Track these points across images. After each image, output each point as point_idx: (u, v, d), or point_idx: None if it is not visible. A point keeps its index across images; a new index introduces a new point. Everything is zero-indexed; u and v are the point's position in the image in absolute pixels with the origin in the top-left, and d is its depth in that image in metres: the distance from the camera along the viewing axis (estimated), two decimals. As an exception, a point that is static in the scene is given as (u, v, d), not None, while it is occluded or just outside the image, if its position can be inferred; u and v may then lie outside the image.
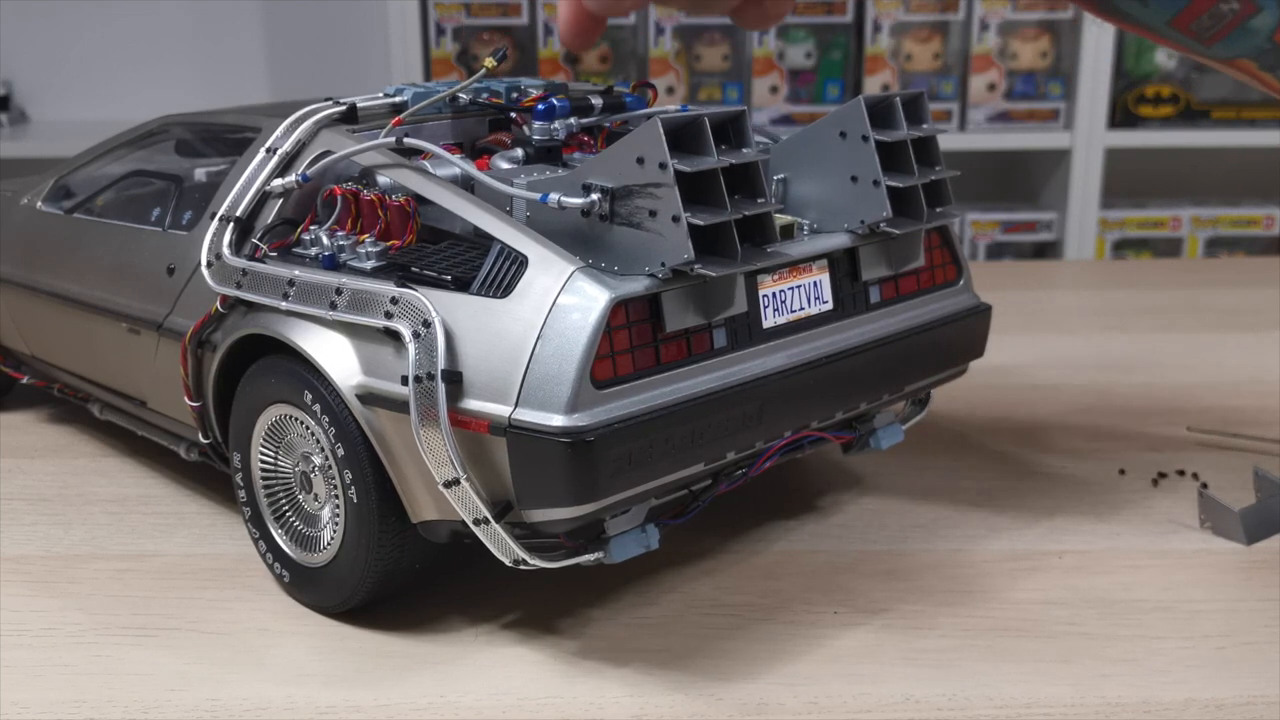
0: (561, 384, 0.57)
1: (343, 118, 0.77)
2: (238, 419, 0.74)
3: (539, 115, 0.74)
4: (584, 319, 0.58)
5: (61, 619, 0.71)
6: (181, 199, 0.84)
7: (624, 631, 0.69)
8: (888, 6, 1.85)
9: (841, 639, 0.68)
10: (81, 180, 0.98)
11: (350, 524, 0.67)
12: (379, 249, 0.68)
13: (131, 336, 0.83)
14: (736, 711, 0.61)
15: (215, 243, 0.75)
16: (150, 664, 0.66)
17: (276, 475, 0.73)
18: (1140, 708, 0.60)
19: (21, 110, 2.44)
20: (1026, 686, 0.63)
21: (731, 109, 0.62)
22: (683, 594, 0.73)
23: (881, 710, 0.61)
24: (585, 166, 0.62)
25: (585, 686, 0.63)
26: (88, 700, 0.63)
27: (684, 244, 0.58)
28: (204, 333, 0.75)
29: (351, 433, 0.65)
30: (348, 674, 0.65)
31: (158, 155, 0.95)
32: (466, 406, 0.60)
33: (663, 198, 0.58)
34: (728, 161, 0.60)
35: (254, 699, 0.63)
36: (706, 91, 1.97)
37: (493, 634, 0.69)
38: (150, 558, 0.79)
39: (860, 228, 0.70)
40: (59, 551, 0.80)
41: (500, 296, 0.60)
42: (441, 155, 0.69)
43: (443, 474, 0.60)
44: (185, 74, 2.43)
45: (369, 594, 0.69)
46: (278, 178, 0.74)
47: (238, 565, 0.77)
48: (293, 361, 0.68)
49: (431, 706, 0.62)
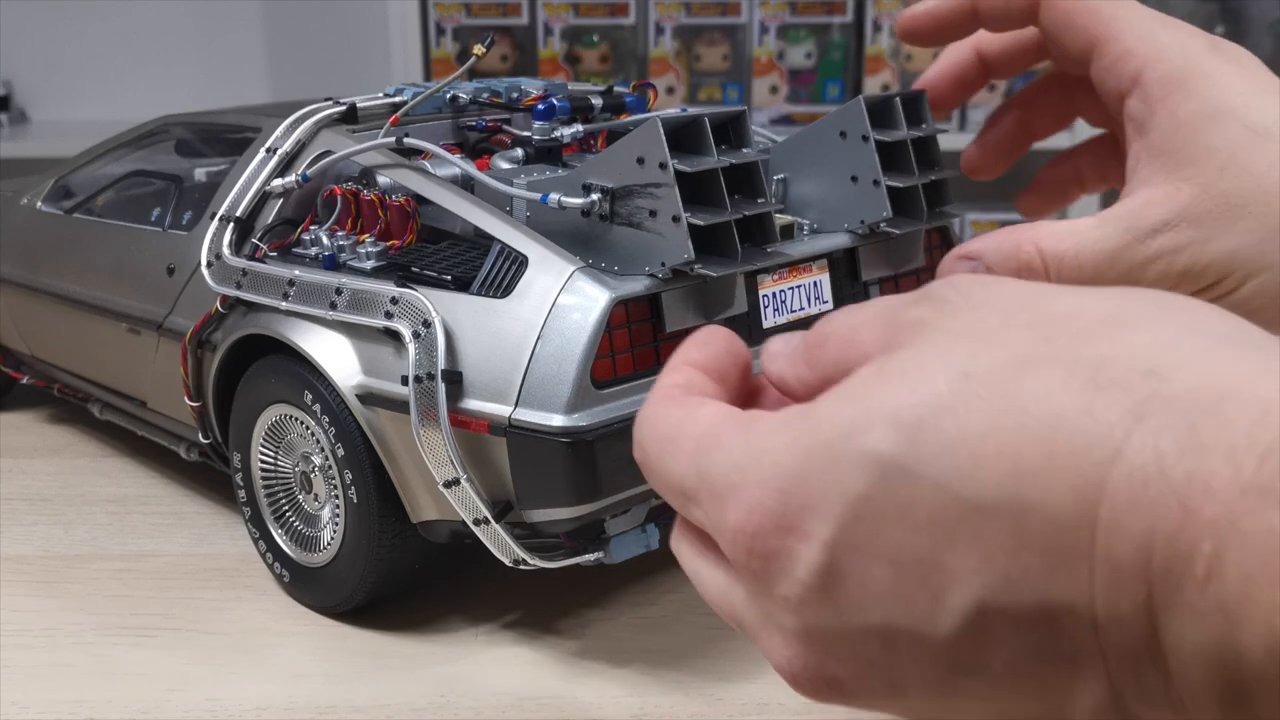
0: (562, 384, 0.57)
1: (343, 118, 0.77)
2: (238, 419, 0.74)
3: (539, 115, 0.74)
4: (584, 319, 0.58)
5: (61, 619, 0.71)
6: (181, 199, 0.84)
7: (624, 631, 0.69)
8: (888, 7, 1.85)
9: (841, 639, 0.67)
10: (81, 180, 0.98)
11: (350, 524, 0.67)
12: (379, 249, 0.68)
13: (131, 336, 0.83)
14: (736, 711, 0.61)
15: (215, 243, 0.75)
16: (150, 664, 0.66)
17: (276, 475, 0.73)
18: (1140, 708, 0.60)
19: (21, 110, 2.44)
20: (1026, 686, 0.63)
21: (731, 109, 0.62)
22: (683, 594, 0.73)
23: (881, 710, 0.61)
24: (585, 166, 0.62)
25: (585, 686, 0.63)
26: (88, 700, 0.63)
27: (684, 244, 0.58)
28: (204, 333, 0.75)
29: (351, 433, 0.65)
30: (348, 674, 0.65)
31: (158, 155, 0.95)
32: (466, 406, 0.60)
33: (663, 198, 0.58)
34: (728, 161, 0.60)
35: (254, 699, 0.63)
36: (706, 91, 1.96)
37: (493, 634, 0.69)
38: (150, 558, 0.79)
39: (860, 228, 0.70)
40: (59, 551, 0.80)
41: (500, 296, 0.60)
42: (441, 155, 0.69)
43: (443, 474, 0.60)
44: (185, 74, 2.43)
45: (369, 594, 0.69)
46: (278, 178, 0.74)
47: (238, 565, 0.77)
48: (293, 361, 0.68)
49: (431, 706, 0.62)
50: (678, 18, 1.91)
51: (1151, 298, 0.33)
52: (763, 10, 1.92)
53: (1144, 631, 0.28)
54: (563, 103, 0.75)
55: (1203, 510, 0.26)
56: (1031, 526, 0.29)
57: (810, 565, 0.33)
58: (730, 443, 0.36)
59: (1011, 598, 0.30)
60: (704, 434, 0.37)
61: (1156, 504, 0.27)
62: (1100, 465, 0.28)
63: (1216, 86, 0.54)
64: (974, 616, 0.31)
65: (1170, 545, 0.27)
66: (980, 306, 0.33)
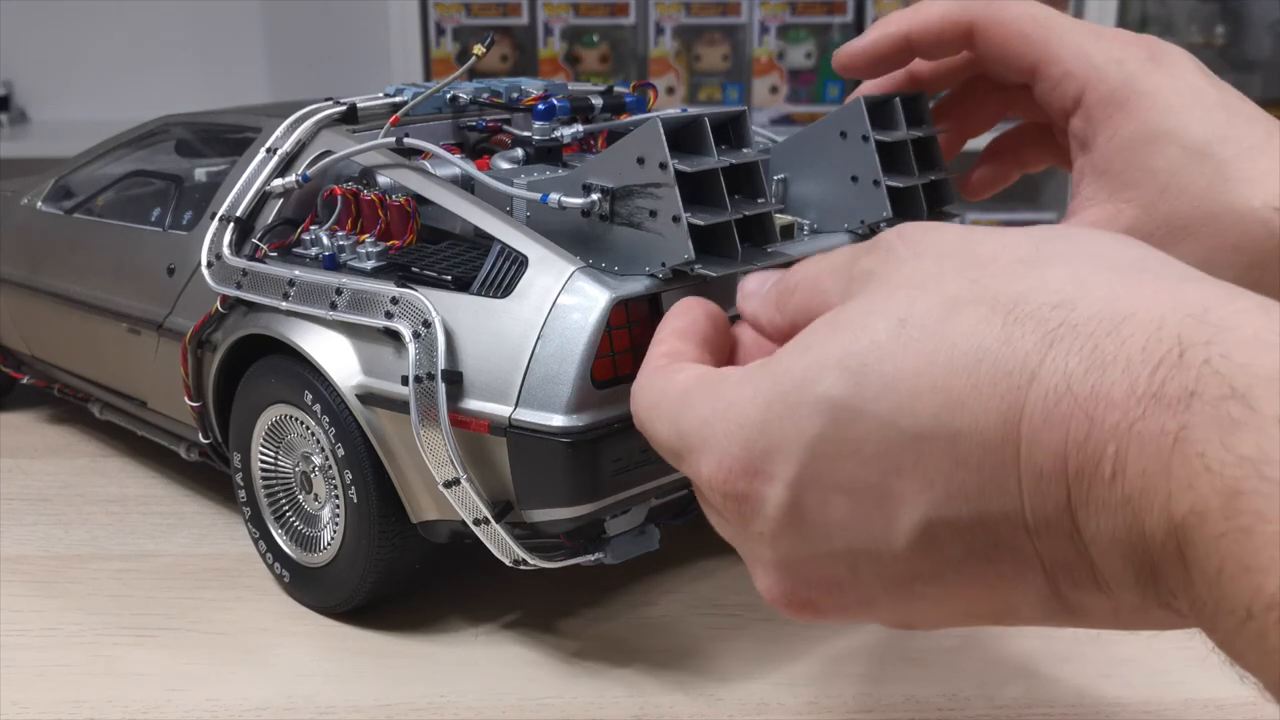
0: (562, 384, 0.57)
1: (343, 118, 0.77)
2: (238, 419, 0.74)
3: (539, 115, 0.74)
4: (584, 319, 0.58)
5: (61, 619, 0.71)
6: (181, 199, 0.84)
7: (624, 631, 0.69)
8: (888, 7, 1.85)
9: (841, 639, 0.68)
10: (81, 180, 0.98)
11: (350, 524, 0.67)
12: (379, 249, 0.68)
13: (132, 336, 0.83)
14: (736, 711, 0.61)
15: (215, 243, 0.75)
16: (150, 664, 0.66)
17: (276, 475, 0.73)
18: (1140, 708, 0.60)
19: (22, 110, 2.44)
20: (1026, 686, 0.63)
21: (731, 109, 0.62)
22: (683, 594, 0.73)
23: (881, 710, 0.61)
24: (585, 166, 0.62)
25: (585, 686, 0.63)
26: (88, 700, 0.63)
27: (684, 244, 0.58)
28: (204, 333, 0.75)
29: (351, 433, 0.65)
30: (348, 674, 0.65)
31: (158, 155, 0.95)
32: (467, 406, 0.60)
33: (663, 198, 0.58)
34: (728, 161, 0.60)
35: (254, 699, 0.63)
36: (706, 91, 1.97)
37: (493, 634, 0.69)
38: (150, 558, 0.79)
39: (860, 228, 0.70)
40: (59, 551, 0.80)
41: (500, 296, 0.60)
42: (441, 155, 0.69)
43: (443, 474, 0.60)
44: (185, 74, 2.43)
45: (369, 594, 0.69)
46: (278, 178, 0.74)
47: (238, 565, 0.77)
48: (293, 362, 0.68)
49: (431, 706, 0.62)
50: (678, 18, 1.91)
51: (1066, 235, 0.37)
52: (763, 10, 1.92)
53: (1067, 528, 0.32)
54: (563, 103, 0.75)
55: (1105, 418, 0.30)
56: (964, 448, 0.33)
57: (777, 503, 0.38)
58: (700, 401, 0.41)
59: (953, 512, 0.34)
60: (679, 397, 0.42)
61: (1068, 417, 0.31)
62: (1019, 389, 0.32)
63: (1155, 106, 0.57)
64: (923, 532, 0.35)
65: (1081, 451, 0.31)
66: (921, 255, 0.37)
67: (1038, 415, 0.31)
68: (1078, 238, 0.36)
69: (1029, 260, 0.35)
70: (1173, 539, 0.29)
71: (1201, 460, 0.28)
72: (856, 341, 0.36)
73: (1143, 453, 0.29)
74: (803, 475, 0.37)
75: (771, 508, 0.38)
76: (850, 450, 0.35)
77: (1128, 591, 0.32)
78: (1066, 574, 0.33)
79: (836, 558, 0.37)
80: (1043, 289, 0.33)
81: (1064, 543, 0.32)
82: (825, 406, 0.36)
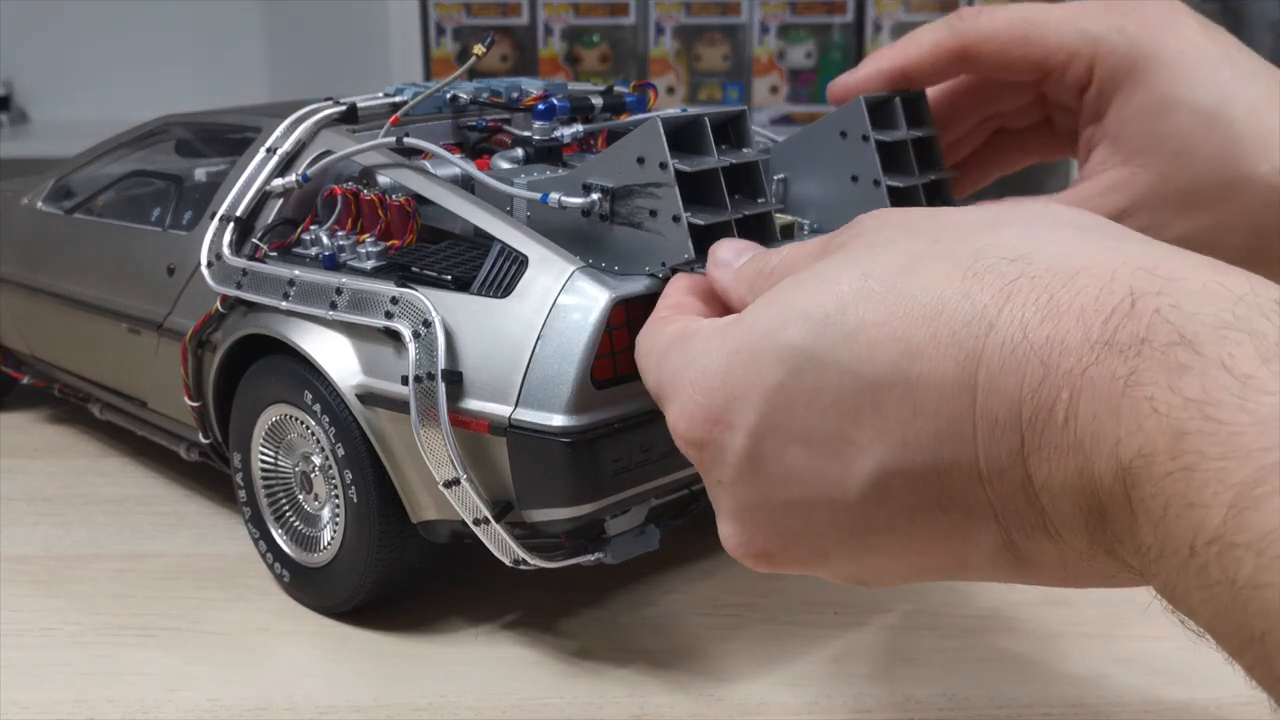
0: (562, 384, 0.57)
1: (343, 118, 0.77)
2: (238, 419, 0.74)
3: (539, 115, 0.74)
4: (584, 319, 0.58)
5: (61, 619, 0.71)
6: (181, 199, 0.84)
7: (624, 631, 0.69)
8: (888, 7, 1.85)
9: (841, 639, 0.68)
10: (81, 180, 0.98)
11: (350, 524, 0.67)
12: (379, 249, 0.68)
13: (131, 336, 0.83)
14: (736, 711, 0.61)
15: (215, 243, 0.75)
16: (150, 664, 0.66)
17: (276, 475, 0.73)
18: (1140, 708, 0.60)
19: (22, 110, 2.44)
20: (1026, 686, 0.63)
21: (732, 109, 0.62)
22: (683, 594, 0.73)
23: (881, 710, 0.61)
24: (585, 166, 0.62)
25: (585, 686, 0.63)
26: (88, 700, 0.63)
27: (684, 244, 0.58)
28: (204, 333, 0.75)
29: (351, 433, 0.65)
30: (348, 674, 0.65)
31: (158, 155, 0.95)
32: (466, 406, 0.60)
33: (663, 197, 0.58)
34: (728, 161, 0.60)
35: (254, 699, 0.63)
36: (706, 91, 1.97)
37: (493, 634, 0.69)
38: (150, 558, 0.79)
39: (860, 228, 0.70)
40: (59, 551, 0.80)
41: (500, 296, 0.60)
42: (442, 155, 0.69)
43: (443, 474, 0.60)
44: (185, 74, 2.43)
45: (369, 594, 0.69)
46: (278, 178, 0.74)
47: (238, 565, 0.77)
48: (293, 361, 0.68)
49: (431, 706, 0.62)
50: (678, 18, 1.91)
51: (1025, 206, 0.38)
52: (763, 10, 1.92)
53: (1020, 475, 0.33)
54: (563, 103, 0.75)
55: (1060, 365, 0.31)
56: (921, 396, 0.34)
57: (736, 451, 0.38)
58: (675, 351, 0.43)
59: (909, 460, 0.35)
60: (664, 348, 0.44)
61: (1023, 364, 0.32)
62: (977, 338, 0.33)
63: (1163, 70, 0.57)
64: (878, 480, 0.35)
65: (1035, 397, 0.32)
66: (887, 225, 0.39)
67: (994, 363, 0.32)
68: (1036, 209, 0.38)
69: (988, 222, 0.36)
70: (1120, 482, 0.30)
71: (1150, 403, 0.29)
72: (820, 294, 0.37)
73: (1094, 397, 0.30)
74: (762, 424, 0.38)
75: (731, 455, 0.39)
76: (809, 399, 0.36)
77: (1076, 537, 0.33)
78: (1017, 522, 0.34)
79: (793, 507, 0.38)
80: (1000, 245, 0.34)
81: (1016, 490, 0.33)
82: (787, 354, 0.37)
